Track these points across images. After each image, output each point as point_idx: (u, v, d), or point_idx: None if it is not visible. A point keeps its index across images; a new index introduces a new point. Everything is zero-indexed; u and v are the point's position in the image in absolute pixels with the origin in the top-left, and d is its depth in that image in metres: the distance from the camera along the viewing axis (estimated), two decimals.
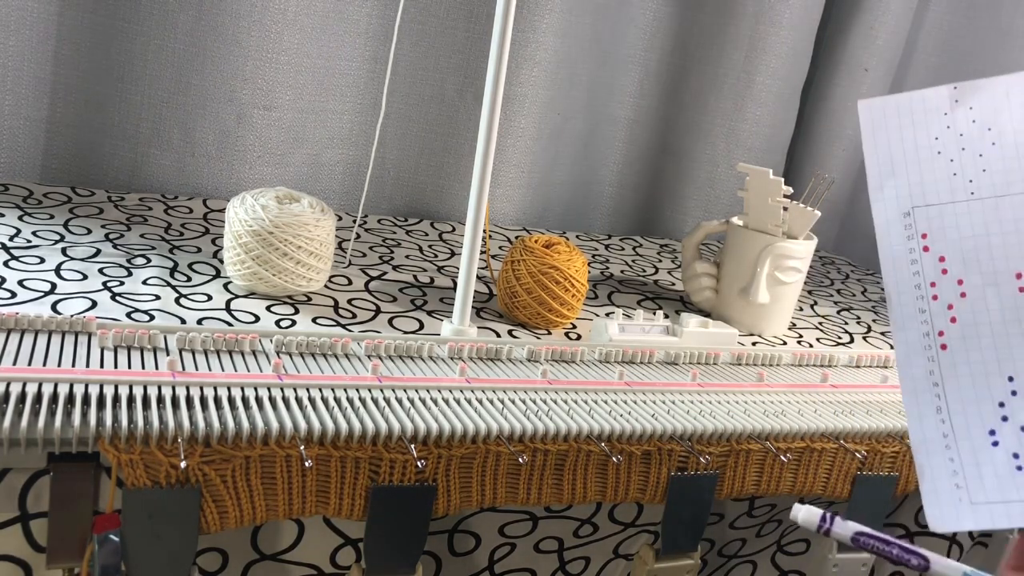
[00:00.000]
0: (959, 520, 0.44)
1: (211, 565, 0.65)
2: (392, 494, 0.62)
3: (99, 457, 0.57)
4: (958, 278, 0.45)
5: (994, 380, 0.44)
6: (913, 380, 0.46)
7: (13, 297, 0.75)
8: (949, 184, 0.45)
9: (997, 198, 0.44)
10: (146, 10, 1.10)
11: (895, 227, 0.47)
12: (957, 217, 0.45)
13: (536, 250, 0.90)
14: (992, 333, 0.44)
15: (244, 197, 0.85)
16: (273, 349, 0.71)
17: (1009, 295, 0.43)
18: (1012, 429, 0.43)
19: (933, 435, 0.45)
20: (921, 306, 0.46)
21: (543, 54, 1.28)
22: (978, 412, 0.44)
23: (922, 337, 0.46)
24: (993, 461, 0.43)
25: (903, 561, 0.41)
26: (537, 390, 0.72)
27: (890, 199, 0.47)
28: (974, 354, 0.44)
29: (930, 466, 0.45)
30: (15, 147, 1.10)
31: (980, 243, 0.44)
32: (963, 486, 0.44)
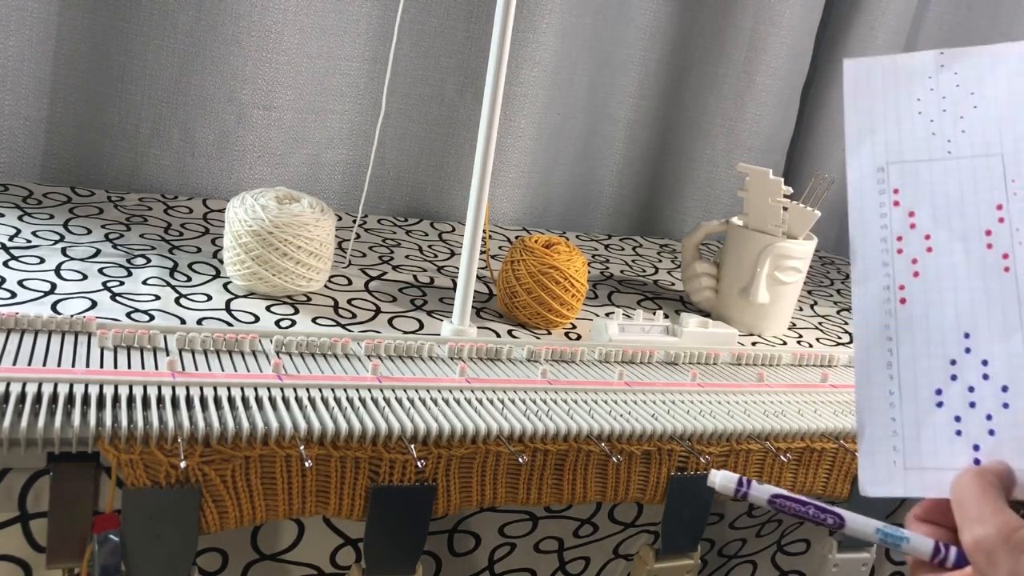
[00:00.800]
0: (891, 485, 0.43)
1: (211, 565, 0.65)
2: (392, 494, 0.62)
3: (99, 457, 0.57)
4: (926, 232, 0.45)
5: (949, 336, 0.43)
6: (867, 334, 0.45)
7: (13, 297, 0.75)
8: (927, 143, 0.45)
9: (974, 158, 0.44)
10: (146, 10, 1.10)
11: (868, 181, 0.46)
12: (932, 174, 0.45)
13: (536, 250, 0.90)
14: (955, 288, 0.43)
15: (244, 197, 0.85)
16: (273, 349, 0.71)
17: (976, 251, 0.43)
18: (959, 390, 0.43)
19: (879, 392, 0.44)
20: (885, 259, 0.45)
21: (543, 54, 1.28)
22: (928, 369, 0.43)
23: (882, 291, 0.45)
24: (934, 423, 0.43)
25: (819, 520, 0.41)
26: (537, 390, 0.72)
27: (866, 155, 0.47)
28: (933, 308, 0.44)
29: (871, 424, 0.44)
30: (15, 147, 1.10)
31: (953, 200, 0.44)
32: (900, 449, 0.43)
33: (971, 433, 0.42)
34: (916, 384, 0.44)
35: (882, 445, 0.44)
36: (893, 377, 0.44)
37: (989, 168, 0.44)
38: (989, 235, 0.43)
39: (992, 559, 0.36)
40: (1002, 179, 0.43)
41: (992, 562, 0.36)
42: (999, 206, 0.43)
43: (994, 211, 0.43)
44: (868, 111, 0.47)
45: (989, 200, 0.43)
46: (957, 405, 0.43)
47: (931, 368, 0.43)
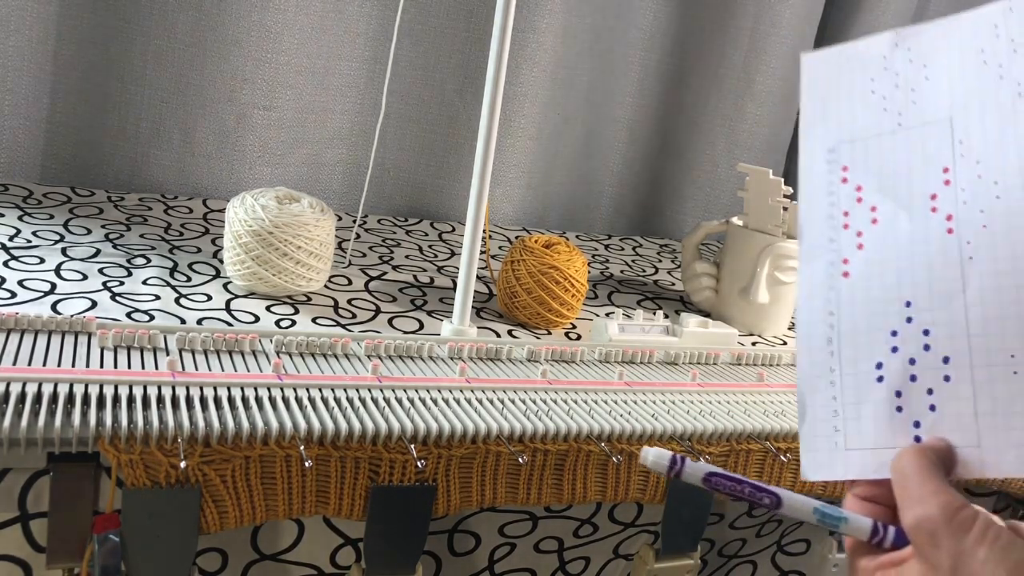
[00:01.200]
0: (832, 468, 0.42)
1: (211, 565, 0.65)
2: (392, 494, 0.62)
3: (99, 457, 0.57)
4: (872, 205, 0.44)
5: (891, 307, 0.42)
6: (810, 312, 0.44)
7: (13, 297, 0.75)
8: (878, 119, 0.44)
9: (924, 126, 0.43)
10: (146, 10, 1.10)
11: (819, 163, 0.46)
12: (881, 149, 0.44)
13: (536, 250, 0.90)
14: (897, 256, 0.42)
15: (244, 197, 0.85)
16: (273, 349, 0.71)
17: (920, 217, 0.42)
18: (900, 363, 0.41)
19: (820, 370, 0.43)
20: (832, 236, 0.45)
21: (543, 54, 1.28)
22: (868, 342, 0.42)
23: (827, 267, 0.44)
24: (874, 399, 0.42)
25: (755, 500, 0.39)
26: (537, 390, 0.72)
27: (819, 136, 0.46)
28: (875, 280, 0.43)
29: (812, 406, 0.43)
30: (15, 147, 1.10)
31: (900, 170, 0.43)
32: (841, 429, 0.42)
33: (912, 408, 0.41)
34: (856, 358, 0.42)
35: (823, 427, 0.43)
36: (834, 354, 0.43)
37: (938, 134, 0.43)
38: (934, 199, 0.42)
39: (934, 540, 0.35)
40: (949, 142, 0.42)
41: (934, 543, 0.35)
42: (945, 168, 0.42)
43: (940, 174, 0.42)
44: (822, 99, 0.46)
45: (936, 165, 0.42)
46: (898, 379, 0.41)
47: (872, 341, 0.42)
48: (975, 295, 0.40)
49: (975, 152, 0.41)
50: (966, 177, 0.41)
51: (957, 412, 0.40)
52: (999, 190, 0.40)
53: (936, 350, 0.40)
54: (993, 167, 0.40)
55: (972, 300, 0.40)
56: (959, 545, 0.34)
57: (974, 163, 0.41)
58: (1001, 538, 0.34)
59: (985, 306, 0.39)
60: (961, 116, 0.42)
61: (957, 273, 0.40)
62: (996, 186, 0.40)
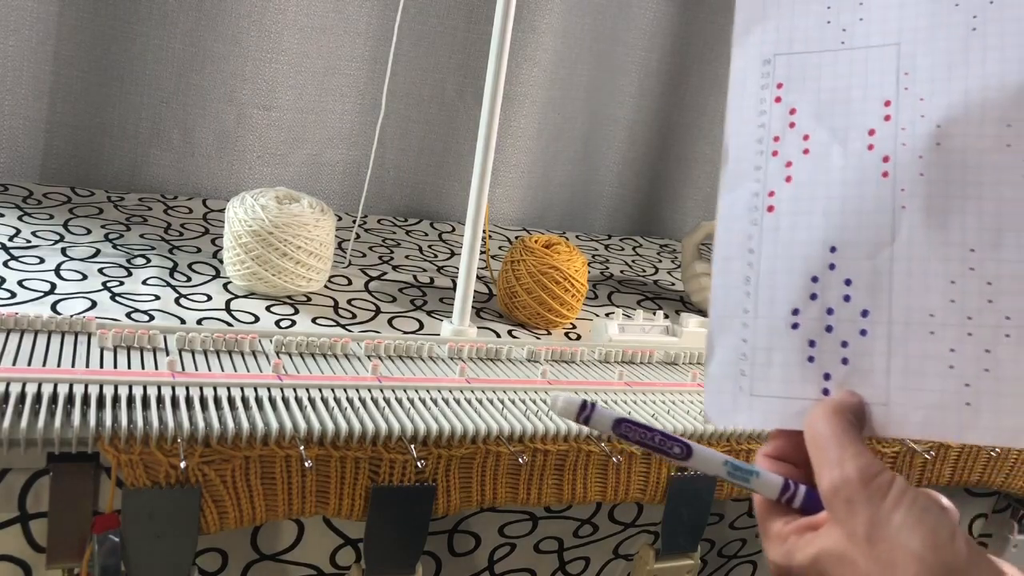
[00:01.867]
0: (735, 413, 0.40)
1: (211, 565, 0.65)
2: (392, 494, 0.62)
3: (99, 457, 0.57)
4: (805, 132, 0.40)
5: (814, 250, 0.39)
6: (728, 246, 0.41)
7: (13, 297, 0.75)
8: (820, 32, 0.41)
9: (868, 48, 0.39)
10: (146, 10, 1.10)
11: (752, 75, 0.42)
12: (821, 67, 0.40)
13: (536, 250, 0.90)
14: (827, 195, 0.39)
15: (244, 197, 0.85)
16: (273, 349, 0.71)
17: (855, 153, 0.39)
18: (818, 311, 0.39)
19: (734, 310, 0.40)
20: (758, 163, 0.41)
21: (543, 54, 1.28)
22: (787, 285, 0.39)
23: (751, 197, 0.41)
24: (786, 346, 0.39)
25: (665, 449, 0.37)
26: (537, 390, 0.72)
27: (753, 44, 0.42)
28: (801, 218, 0.39)
29: (721, 346, 0.40)
30: (15, 147, 1.10)
31: (839, 96, 0.40)
32: (748, 373, 0.40)
33: (824, 360, 0.39)
34: (773, 301, 0.40)
35: (730, 370, 0.40)
36: (750, 294, 0.40)
37: (883, 59, 0.39)
38: (872, 135, 0.39)
39: (851, 507, 0.33)
40: (895, 72, 0.39)
41: (850, 508, 0.33)
42: (887, 102, 0.39)
43: (881, 108, 0.39)
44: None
45: (878, 95, 0.39)
46: (813, 328, 0.39)
47: (791, 284, 0.39)
48: (903, 248, 0.37)
49: (920, 88, 0.38)
50: (908, 116, 0.38)
51: (869, 368, 0.38)
52: (941, 135, 0.37)
53: (856, 302, 0.38)
54: (937, 107, 0.37)
55: (899, 253, 0.38)
56: (875, 510, 0.33)
57: (917, 100, 0.38)
58: (917, 502, 0.33)
59: (911, 261, 0.37)
60: (909, 43, 0.39)
61: (887, 221, 0.38)
62: (938, 130, 0.37)
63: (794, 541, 0.36)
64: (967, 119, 0.37)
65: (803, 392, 0.39)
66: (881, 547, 0.32)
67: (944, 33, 0.38)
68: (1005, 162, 0.36)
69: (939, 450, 0.80)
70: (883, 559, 0.32)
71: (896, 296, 0.38)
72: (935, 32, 0.38)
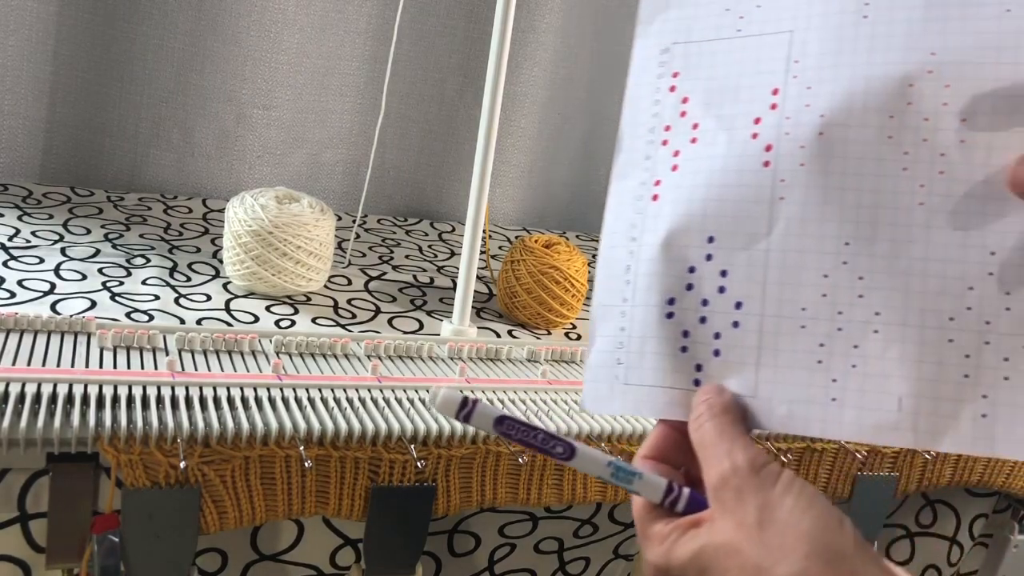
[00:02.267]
0: (610, 402, 0.40)
1: (211, 565, 0.65)
2: (392, 494, 0.62)
3: (98, 457, 0.57)
4: (695, 121, 0.39)
5: (692, 238, 0.38)
6: (612, 236, 0.40)
7: (12, 297, 0.75)
8: (718, 20, 0.40)
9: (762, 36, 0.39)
10: (146, 10, 1.10)
11: (650, 64, 0.41)
12: (715, 55, 0.40)
13: (536, 250, 0.90)
14: (708, 183, 0.38)
15: (244, 197, 0.85)
16: (272, 349, 0.70)
17: (739, 142, 0.38)
18: (693, 301, 0.38)
19: (614, 298, 0.40)
20: (648, 152, 0.40)
21: (543, 54, 1.28)
22: (664, 274, 0.39)
23: (638, 186, 0.40)
24: (660, 335, 0.39)
25: (548, 449, 0.36)
26: (537, 390, 0.72)
27: (654, 34, 0.41)
28: (680, 207, 0.38)
29: (601, 334, 0.40)
30: (15, 147, 1.10)
31: (729, 84, 0.39)
32: (623, 362, 0.39)
33: (696, 351, 0.38)
34: (650, 290, 0.39)
35: (607, 358, 0.40)
36: (630, 282, 0.40)
37: (775, 46, 0.38)
38: (758, 123, 0.38)
39: (740, 494, 0.33)
40: (785, 59, 0.38)
41: (740, 497, 0.33)
42: (775, 90, 0.38)
43: (769, 95, 0.38)
44: None
45: (767, 83, 0.38)
46: (688, 318, 0.38)
47: (668, 273, 0.39)
48: (779, 240, 0.37)
49: (808, 76, 0.37)
50: (794, 105, 0.37)
51: (740, 360, 0.37)
52: (824, 125, 0.36)
53: (730, 293, 0.38)
54: (822, 96, 0.36)
55: (775, 245, 0.37)
56: (765, 496, 0.33)
57: (805, 89, 0.37)
58: (807, 489, 0.33)
59: (786, 253, 0.37)
60: (802, 31, 0.38)
61: (765, 212, 0.37)
62: (822, 120, 0.36)
63: (675, 539, 0.35)
64: (850, 109, 0.36)
65: (674, 382, 0.39)
66: (771, 531, 0.32)
67: (836, 21, 0.37)
68: (886, 154, 0.36)
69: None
70: (772, 543, 0.32)
71: (770, 289, 0.37)
72: (828, 20, 0.37)
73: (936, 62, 0.35)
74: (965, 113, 0.35)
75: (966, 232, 0.35)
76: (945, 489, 0.88)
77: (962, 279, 0.35)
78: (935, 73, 0.35)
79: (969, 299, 0.35)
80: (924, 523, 0.93)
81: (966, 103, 0.35)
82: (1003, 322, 0.34)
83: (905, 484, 0.80)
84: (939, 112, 0.35)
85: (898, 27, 0.36)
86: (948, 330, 0.35)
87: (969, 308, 0.35)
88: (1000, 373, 0.34)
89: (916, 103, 0.35)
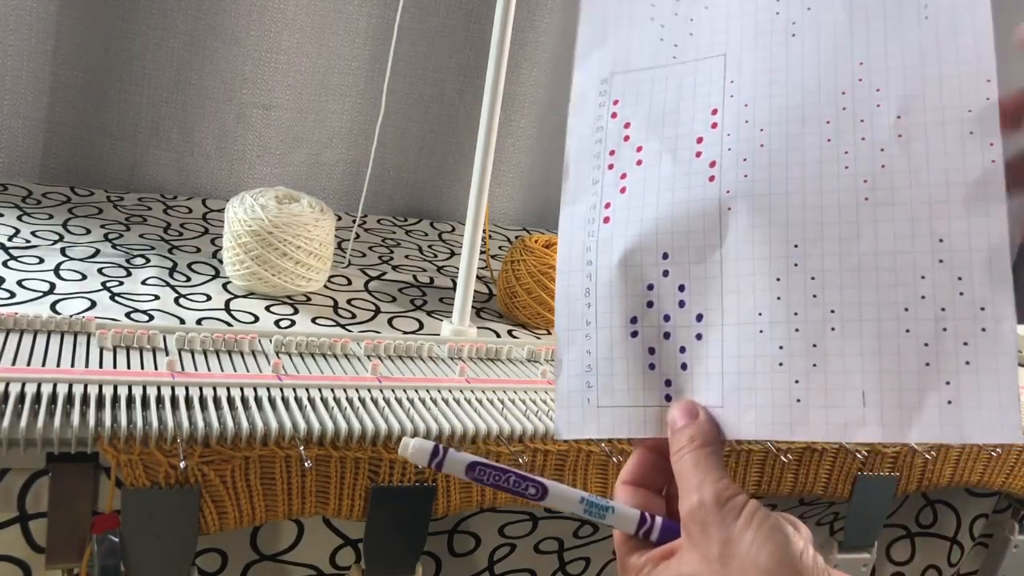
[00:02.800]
0: (584, 426, 0.40)
1: (210, 566, 0.65)
2: (392, 494, 0.62)
3: (98, 457, 0.57)
4: (639, 144, 0.41)
5: (648, 258, 0.39)
6: (568, 261, 0.41)
7: (12, 297, 0.75)
8: (654, 49, 0.42)
9: (697, 61, 0.40)
10: (145, 10, 1.10)
11: (590, 93, 0.43)
12: (654, 83, 0.41)
13: (536, 250, 0.90)
14: (657, 203, 0.39)
15: (243, 197, 0.85)
16: (272, 349, 0.70)
17: (684, 161, 0.39)
18: (655, 318, 0.39)
19: (576, 322, 0.40)
20: (595, 176, 0.42)
21: (543, 54, 1.28)
22: (624, 294, 0.39)
23: (588, 210, 0.41)
24: (627, 355, 0.39)
25: (520, 491, 0.37)
26: (537, 390, 0.72)
27: (593, 66, 0.43)
28: (632, 227, 0.40)
29: (567, 359, 0.41)
30: (14, 147, 1.10)
31: (670, 107, 0.40)
32: (594, 385, 0.40)
33: (664, 367, 0.39)
34: (612, 311, 0.40)
35: (576, 383, 0.40)
36: (591, 305, 0.40)
37: (710, 70, 0.40)
38: (700, 142, 0.39)
39: (705, 529, 0.34)
40: (721, 80, 0.40)
41: (705, 532, 0.34)
42: (714, 110, 0.39)
43: (708, 116, 0.39)
44: (601, 21, 0.43)
45: (705, 104, 0.40)
46: (652, 335, 0.39)
47: (627, 294, 0.40)
48: (731, 250, 0.38)
49: (744, 94, 0.39)
50: (733, 121, 0.39)
51: (706, 371, 0.38)
52: (764, 137, 0.38)
53: (690, 307, 0.39)
54: (760, 111, 0.38)
55: (728, 255, 0.38)
56: (727, 531, 0.34)
57: (742, 106, 0.39)
58: (768, 520, 0.34)
59: (739, 261, 0.38)
60: (735, 53, 0.40)
61: (715, 224, 0.38)
62: (761, 133, 0.38)
63: (648, 571, 0.36)
64: (787, 120, 0.38)
65: (646, 400, 0.39)
66: (732, 565, 0.33)
67: (766, 41, 0.39)
68: (826, 156, 0.37)
69: (939, 450, 0.80)
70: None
71: (726, 298, 0.38)
72: (758, 40, 0.39)
73: (864, 70, 0.37)
74: (899, 111, 0.37)
75: (913, 222, 0.36)
76: (945, 489, 0.88)
77: (913, 268, 0.36)
78: (864, 80, 0.37)
79: (922, 288, 0.35)
80: (924, 523, 0.93)
81: (898, 103, 0.37)
82: (959, 307, 0.35)
83: (905, 484, 0.80)
84: (873, 112, 0.37)
85: (825, 42, 0.38)
86: (904, 320, 0.36)
87: (923, 297, 0.35)
88: (961, 358, 0.35)
89: (850, 107, 0.37)
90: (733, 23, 0.40)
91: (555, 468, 0.67)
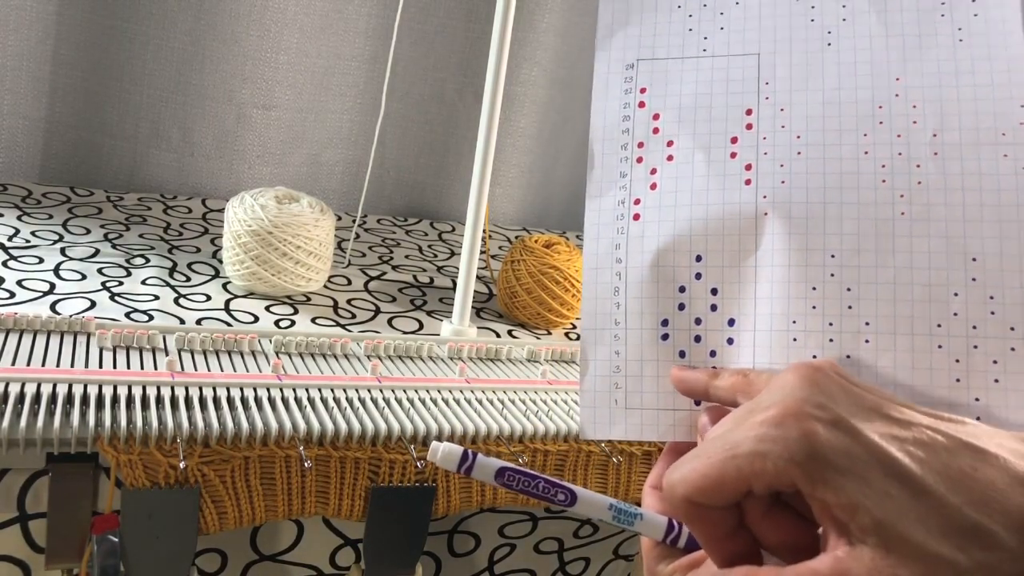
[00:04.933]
0: (611, 427, 0.40)
1: (210, 566, 0.65)
2: (392, 494, 0.62)
3: (98, 457, 0.57)
4: (669, 139, 0.40)
5: (681, 259, 0.39)
6: (596, 258, 0.40)
7: (12, 297, 0.75)
8: (682, 39, 0.41)
9: (729, 57, 0.40)
10: (145, 10, 1.10)
11: (615, 79, 0.42)
12: (683, 73, 0.40)
13: (536, 250, 0.90)
14: (691, 203, 0.39)
15: (243, 197, 0.85)
16: (272, 349, 0.70)
17: (719, 161, 0.39)
18: (686, 321, 0.38)
19: (604, 321, 0.40)
20: (623, 169, 0.41)
21: (543, 54, 1.28)
22: (655, 296, 0.39)
23: (616, 205, 0.40)
24: (658, 357, 0.39)
25: (549, 496, 0.37)
26: (537, 390, 0.72)
27: (616, 49, 0.42)
28: (665, 227, 0.39)
29: (594, 358, 0.40)
30: (14, 147, 1.10)
31: (702, 101, 0.40)
32: (621, 387, 0.39)
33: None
34: (642, 313, 0.39)
35: (603, 383, 0.40)
36: (620, 305, 0.40)
37: (744, 68, 0.40)
38: (735, 143, 0.39)
39: None
40: (755, 81, 0.39)
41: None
42: (748, 111, 0.39)
43: (743, 116, 0.39)
44: (624, 2, 0.42)
45: (739, 103, 0.39)
46: (682, 339, 0.39)
47: (659, 297, 0.39)
48: (766, 255, 0.38)
49: (779, 99, 0.39)
50: (769, 125, 0.39)
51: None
52: (801, 144, 0.38)
53: (723, 311, 0.38)
54: (796, 118, 0.38)
55: (763, 260, 0.38)
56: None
57: (778, 110, 0.39)
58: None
59: (774, 268, 0.37)
60: (769, 54, 0.39)
61: (751, 229, 0.38)
62: (798, 140, 0.38)
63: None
64: (824, 129, 0.38)
65: (675, 403, 0.39)
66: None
67: (801, 47, 0.39)
68: (863, 168, 0.37)
69: None
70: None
71: (760, 304, 0.38)
72: (793, 45, 0.39)
73: (901, 87, 0.38)
74: (935, 129, 0.37)
75: (948, 239, 0.36)
76: None
77: (947, 285, 0.36)
78: (901, 96, 0.38)
79: (955, 305, 0.36)
80: None
81: (935, 121, 0.37)
82: (989, 326, 0.35)
83: None
84: (910, 129, 0.37)
85: (861, 54, 0.39)
86: (937, 336, 0.36)
87: (956, 314, 0.36)
88: (990, 376, 0.35)
89: (887, 122, 0.37)
90: (766, 23, 0.40)
91: (555, 468, 0.67)
